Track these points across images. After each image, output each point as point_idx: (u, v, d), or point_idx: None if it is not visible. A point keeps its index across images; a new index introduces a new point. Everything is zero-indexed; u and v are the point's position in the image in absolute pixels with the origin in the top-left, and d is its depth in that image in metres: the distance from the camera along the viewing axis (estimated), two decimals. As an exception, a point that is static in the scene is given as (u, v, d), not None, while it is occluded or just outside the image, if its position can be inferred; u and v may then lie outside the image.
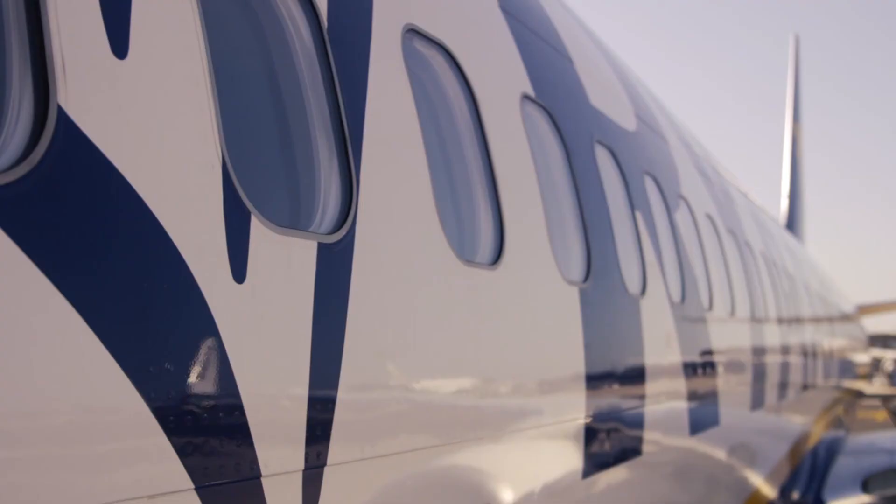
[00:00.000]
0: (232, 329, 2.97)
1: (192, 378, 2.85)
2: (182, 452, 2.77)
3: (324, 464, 3.36)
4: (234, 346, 2.97)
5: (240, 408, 2.99)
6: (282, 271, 3.23)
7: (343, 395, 3.46)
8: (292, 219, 3.51)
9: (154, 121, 2.82)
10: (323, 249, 3.43)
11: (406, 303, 3.94)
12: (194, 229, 2.90)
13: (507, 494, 4.75)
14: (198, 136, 2.95)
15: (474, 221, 4.82)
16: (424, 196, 4.17)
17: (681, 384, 8.16)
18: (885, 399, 51.72)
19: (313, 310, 3.35)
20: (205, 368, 2.88)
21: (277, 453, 3.17)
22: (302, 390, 3.28)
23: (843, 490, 17.42)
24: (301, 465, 3.26)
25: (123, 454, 2.63)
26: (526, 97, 5.64)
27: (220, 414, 2.93)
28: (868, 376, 50.53)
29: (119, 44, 2.72)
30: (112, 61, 2.69)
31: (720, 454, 10.17)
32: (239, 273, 3.02)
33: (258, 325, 3.11)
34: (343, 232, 3.56)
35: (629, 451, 6.63)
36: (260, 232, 3.12)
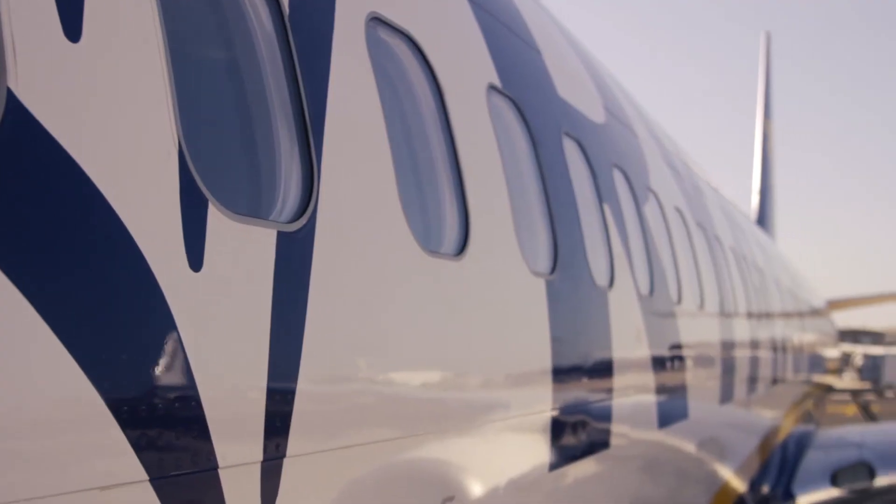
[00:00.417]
0: (188, 318, 2.92)
1: (147, 368, 2.80)
2: (136, 443, 2.72)
3: (283, 455, 3.32)
4: (191, 335, 2.92)
5: (196, 399, 2.94)
6: (240, 260, 3.18)
7: (303, 386, 3.41)
8: (251, 207, 3.45)
9: (108, 106, 2.76)
10: (283, 238, 3.38)
11: (368, 293, 3.90)
12: (149, 217, 2.84)
13: (472, 487, 4.72)
14: (154, 122, 2.90)
15: (439, 212, 4.78)
16: (387, 186, 4.12)
17: (649, 377, 8.15)
18: (855, 394, 52.08)
19: (272, 299, 3.30)
20: (160, 358, 2.83)
21: (235, 445, 3.12)
22: (261, 381, 3.23)
23: (812, 484, 17.50)
24: (260, 456, 3.21)
25: (74, 445, 2.58)
26: (492, 87, 5.60)
27: (176, 405, 2.88)
28: (838, 371, 50.82)
29: (72, 27, 2.67)
30: (65, 45, 2.64)
31: (689, 447, 10.18)
32: (195, 261, 2.97)
33: (215, 314, 3.06)
34: (303, 221, 3.51)
35: (596, 444, 6.62)
36: (217, 220, 3.07)
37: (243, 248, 3.20)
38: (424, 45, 4.77)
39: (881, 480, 17.07)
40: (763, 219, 39.74)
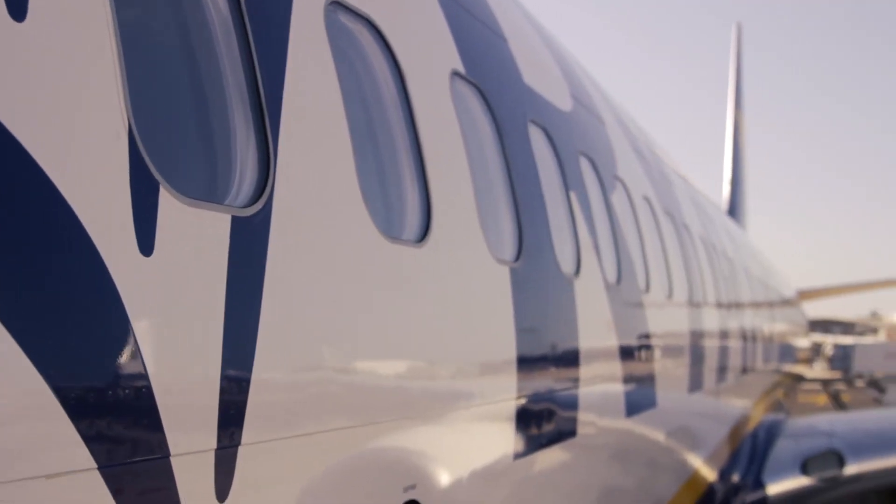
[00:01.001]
0: (138, 304, 2.86)
1: (96, 355, 2.75)
2: (83, 431, 2.66)
3: (238, 443, 3.27)
4: (141, 321, 2.87)
5: (146, 386, 2.89)
6: (193, 245, 3.13)
7: (259, 374, 3.36)
8: (205, 191, 3.39)
9: (54, 86, 2.71)
10: (237, 223, 3.33)
11: (326, 280, 3.85)
12: (98, 201, 2.79)
13: (434, 476, 4.68)
14: (102, 104, 2.84)
15: (400, 198, 4.73)
16: (346, 171, 4.07)
17: (616, 365, 8.13)
18: (826, 383, 52.41)
19: (227, 286, 3.25)
20: (109, 345, 2.78)
21: (188, 433, 3.07)
22: (214, 369, 3.18)
23: (782, 472, 17.56)
24: (213, 444, 3.17)
25: (19, 432, 2.53)
26: (456, 74, 5.56)
27: (126, 392, 2.83)
28: (809, 361, 51.11)
29: (17, 6, 2.61)
30: (9, 24, 2.58)
31: (658, 436, 10.18)
32: (146, 246, 2.92)
33: (167, 300, 3.01)
34: (259, 206, 3.46)
35: (563, 433, 6.59)
36: (169, 204, 3.01)
37: (196, 233, 3.14)
38: (386, 31, 4.72)
39: (851, 469, 17.14)
40: (734, 209, 39.87)
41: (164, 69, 3.46)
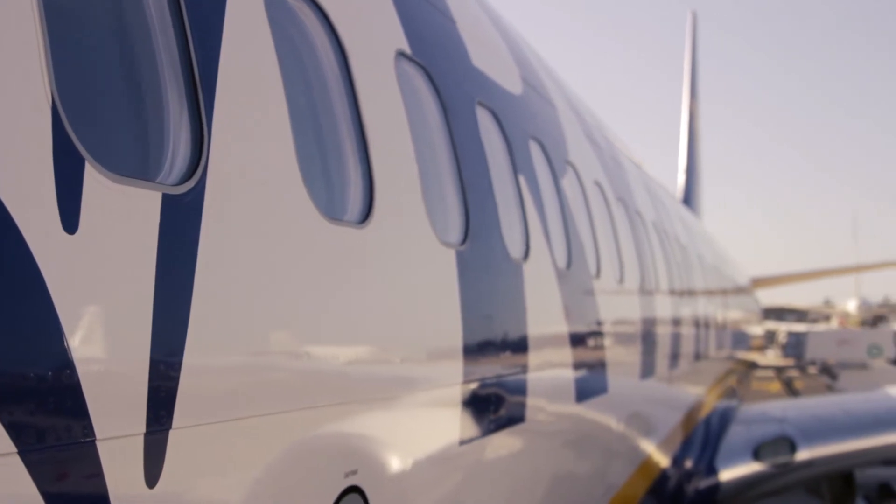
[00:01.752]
0: (62, 283, 2.77)
1: (16, 335, 2.65)
2: (2, 415, 2.57)
3: (168, 428, 3.18)
4: (65, 301, 2.77)
5: (70, 369, 2.79)
6: (120, 223, 3.03)
7: (190, 357, 3.26)
8: (134, 167, 3.29)
9: None
10: (168, 201, 3.23)
11: (262, 261, 3.75)
12: (18, 175, 2.69)
13: (376, 461, 4.60)
14: (23, 72, 2.74)
15: (342, 179, 4.64)
16: (285, 150, 3.98)
17: (566, 350, 8.08)
18: (779, 370, 52.83)
19: (156, 266, 3.15)
20: (31, 326, 2.69)
21: (115, 416, 2.98)
22: (143, 351, 3.08)
23: (735, 458, 17.66)
24: (142, 429, 3.08)
25: None
26: (401, 54, 5.47)
27: (48, 375, 2.73)
28: (762, 348, 51.53)
29: None
30: None
31: (609, 422, 10.15)
32: (70, 224, 2.82)
33: (92, 279, 2.91)
34: (191, 184, 3.36)
35: (511, 418, 6.53)
36: (95, 180, 2.91)
37: (124, 211, 3.04)
38: (329, 9, 4.63)
39: (802, 454, 17.27)
40: (689, 198, 40.06)
41: (92, 40, 3.34)
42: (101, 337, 2.93)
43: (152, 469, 3.12)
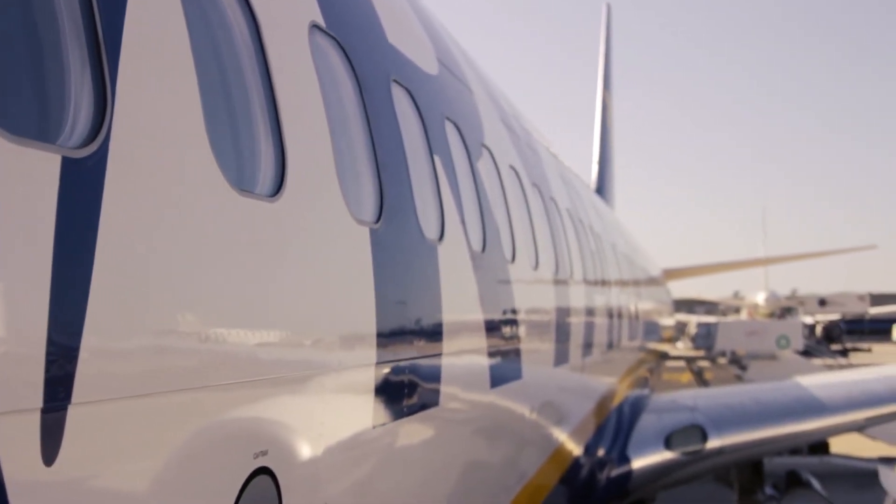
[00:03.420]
0: None
1: None
2: None
3: (67, 404, 3.02)
4: None
5: None
6: (16, 187, 2.86)
7: (90, 330, 3.09)
8: (31, 128, 3.12)
9: None
10: (68, 165, 3.06)
11: (167, 231, 3.59)
12: None
13: (287, 442, 4.47)
14: None
15: (253, 151, 4.49)
16: (193, 118, 3.82)
17: (480, 335, 8.00)
18: (689, 360, 53.49)
19: (55, 232, 2.99)
20: None
21: (10, 391, 2.81)
22: (40, 324, 2.91)
23: (646, 447, 17.81)
24: (39, 404, 2.91)
25: None
26: (315, 27, 5.33)
27: None
28: (673, 339, 52.12)
29: None
30: None
31: (522, 408, 10.10)
32: None
33: None
34: (93, 147, 3.19)
35: (424, 402, 6.43)
36: None
37: (20, 174, 2.88)
38: None
39: (713, 443, 17.47)
40: (602, 188, 40.35)
41: None
42: None
43: (50, 447, 2.96)
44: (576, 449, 14.21)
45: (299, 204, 4.65)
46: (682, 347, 59.33)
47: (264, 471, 4.21)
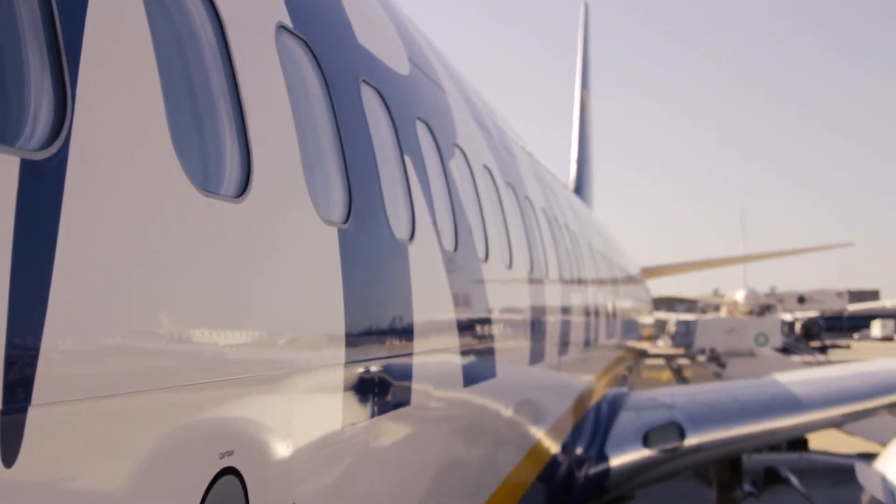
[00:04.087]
0: None
1: None
2: None
3: (27, 405, 3.01)
4: None
5: None
6: None
7: (51, 331, 3.09)
8: None
9: None
10: (27, 167, 3.06)
11: (130, 233, 3.58)
12: None
13: (253, 442, 4.46)
14: None
15: (217, 152, 4.48)
16: (156, 119, 3.81)
17: (453, 334, 8.00)
18: (669, 358, 53.61)
19: (14, 234, 2.98)
20: None
21: None
22: None
23: (624, 444, 17.83)
24: None
25: None
26: (282, 27, 5.32)
27: None
28: (653, 337, 52.19)
29: None
30: None
31: (498, 407, 10.10)
32: None
33: None
34: (53, 149, 3.19)
35: (395, 402, 6.43)
36: None
37: None
38: None
39: (691, 440, 17.52)
40: (580, 187, 40.37)
41: None
42: None
43: (9, 448, 2.96)
44: (553, 447, 14.21)
45: (265, 205, 4.64)
46: (661, 345, 59.47)
47: (230, 471, 4.21)
